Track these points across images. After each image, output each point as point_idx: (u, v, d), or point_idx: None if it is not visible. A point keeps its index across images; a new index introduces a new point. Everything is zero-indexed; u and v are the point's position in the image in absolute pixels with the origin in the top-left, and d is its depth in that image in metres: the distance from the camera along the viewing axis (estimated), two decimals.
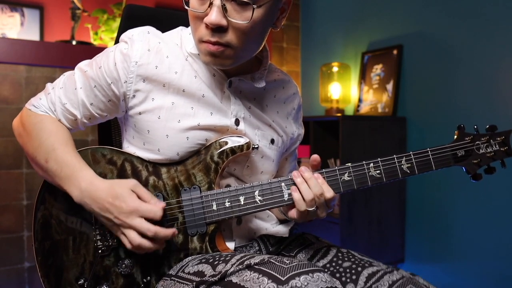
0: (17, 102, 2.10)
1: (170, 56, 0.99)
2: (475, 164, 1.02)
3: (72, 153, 0.98)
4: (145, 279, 0.97)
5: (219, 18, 0.87)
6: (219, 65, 0.95)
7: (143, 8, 1.29)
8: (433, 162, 1.00)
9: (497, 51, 2.04)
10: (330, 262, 1.03)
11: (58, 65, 2.19)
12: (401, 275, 0.94)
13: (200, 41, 0.92)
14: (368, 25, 2.70)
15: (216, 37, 0.90)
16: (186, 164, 1.00)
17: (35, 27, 2.45)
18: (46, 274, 0.99)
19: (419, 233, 2.39)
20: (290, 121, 1.15)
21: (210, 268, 0.87)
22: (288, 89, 1.15)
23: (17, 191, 2.12)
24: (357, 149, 2.30)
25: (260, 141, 1.05)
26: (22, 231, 2.12)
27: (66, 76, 1.06)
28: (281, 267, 0.78)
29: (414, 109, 2.42)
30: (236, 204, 0.97)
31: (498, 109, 2.02)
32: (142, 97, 0.98)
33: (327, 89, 2.77)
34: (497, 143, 1.03)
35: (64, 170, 0.96)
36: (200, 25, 0.91)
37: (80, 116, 1.03)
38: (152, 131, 0.99)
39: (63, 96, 1.02)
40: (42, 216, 1.00)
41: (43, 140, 0.99)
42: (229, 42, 0.90)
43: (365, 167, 0.98)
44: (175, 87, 0.98)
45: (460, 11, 2.19)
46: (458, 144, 1.02)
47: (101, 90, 1.00)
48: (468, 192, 2.13)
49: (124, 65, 0.97)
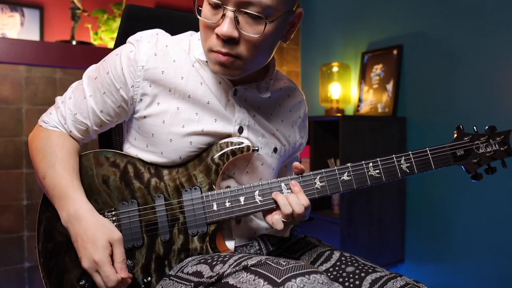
0: (17, 102, 2.10)
1: (177, 61, 0.99)
2: (475, 163, 1.02)
3: (69, 171, 0.98)
4: (145, 279, 0.97)
5: (231, 30, 0.88)
6: (228, 75, 0.95)
7: (143, 9, 1.29)
8: (432, 161, 1.00)
9: (497, 51, 2.04)
10: (333, 266, 1.02)
11: (58, 65, 2.18)
12: (404, 282, 0.93)
13: (210, 50, 0.92)
14: (368, 25, 2.70)
15: (226, 48, 0.90)
16: (188, 165, 1.01)
17: (35, 27, 2.45)
18: (48, 275, 0.99)
19: (419, 233, 2.39)
20: (294, 129, 1.14)
21: (208, 268, 0.87)
22: (294, 98, 1.15)
23: (17, 191, 2.12)
24: (357, 149, 2.30)
25: (262, 149, 1.06)
26: (22, 231, 2.12)
27: (74, 87, 1.06)
28: (277, 268, 0.78)
29: (414, 109, 2.42)
30: (236, 204, 0.98)
31: (498, 109, 2.02)
32: (148, 101, 0.99)
33: (327, 89, 2.77)
34: (497, 143, 1.03)
35: (56, 189, 0.96)
36: (211, 35, 0.91)
37: (91, 124, 1.03)
38: (156, 134, 0.99)
39: (72, 106, 1.03)
40: (46, 218, 1.01)
41: (46, 155, 1.00)
42: (239, 54, 0.90)
43: (365, 167, 0.98)
44: (180, 92, 0.98)
45: (460, 11, 2.19)
46: (457, 143, 1.02)
47: (110, 96, 1.00)
48: (468, 192, 2.13)
49: (131, 69, 0.97)
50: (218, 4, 0.88)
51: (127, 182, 1.00)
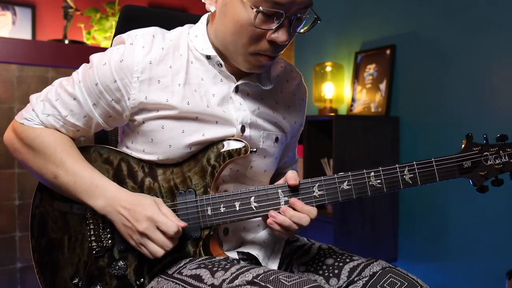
0: (8, 101, 2.08)
1: (174, 66, 0.96)
2: (482, 176, 0.97)
3: (82, 163, 0.96)
4: (138, 281, 0.96)
5: (289, 37, 0.89)
6: (261, 72, 0.99)
7: (140, 9, 1.28)
8: (437, 173, 0.95)
9: (489, 52, 2.05)
10: (312, 259, 1.04)
11: (50, 64, 2.17)
12: (381, 266, 0.96)
13: (256, 54, 0.92)
14: (361, 25, 2.70)
15: (276, 51, 0.92)
16: (183, 166, 0.99)
17: (27, 26, 2.43)
18: (42, 271, 0.99)
19: (412, 232, 2.41)
20: (301, 112, 1.14)
21: (208, 273, 0.86)
22: (292, 81, 1.13)
23: (9, 191, 2.10)
24: (350, 148, 2.31)
25: (264, 142, 1.04)
26: (14, 232, 2.11)
27: (57, 86, 1.00)
28: (282, 284, 0.77)
29: (407, 108, 2.43)
30: (231, 210, 0.95)
31: (490, 108, 2.04)
32: (145, 108, 0.96)
33: (320, 89, 2.77)
34: (507, 155, 0.97)
35: (79, 183, 0.94)
36: (261, 41, 0.90)
37: (84, 126, 1.00)
38: (155, 139, 0.97)
39: (60, 107, 0.98)
40: (39, 213, 1.00)
41: (48, 155, 0.96)
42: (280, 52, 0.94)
43: (365, 176, 0.94)
44: (178, 100, 0.95)
45: (453, 11, 2.20)
46: (465, 154, 0.96)
47: (101, 108, 0.97)
48: (461, 192, 2.14)
49: (125, 81, 0.93)
50: (277, 12, 0.86)
51: (120, 181, 0.98)
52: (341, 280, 0.96)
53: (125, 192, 0.94)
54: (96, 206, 0.94)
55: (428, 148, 2.28)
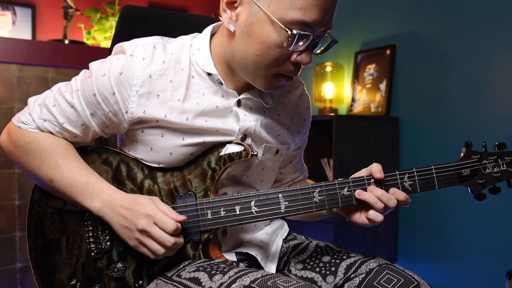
0: (8, 101, 2.08)
1: (174, 81, 0.94)
2: (480, 184, 0.98)
3: (78, 165, 0.95)
4: (137, 283, 0.96)
5: (311, 58, 0.91)
6: (277, 92, 1.01)
7: (140, 9, 1.28)
8: (436, 181, 0.97)
9: (489, 51, 2.05)
10: (310, 257, 1.05)
11: (50, 64, 2.17)
12: (377, 263, 0.97)
13: (278, 75, 0.92)
14: (361, 25, 2.70)
15: (297, 73, 0.93)
16: (183, 169, 0.98)
17: (27, 26, 2.43)
18: (39, 272, 0.98)
19: (412, 232, 2.40)
20: (303, 121, 1.13)
21: (206, 276, 0.86)
22: (294, 91, 1.11)
23: (9, 191, 2.10)
24: (350, 148, 2.31)
25: (264, 155, 1.03)
26: (14, 232, 2.11)
27: (55, 91, 0.99)
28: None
29: (407, 108, 2.43)
30: (231, 214, 0.94)
31: (490, 109, 2.03)
32: (144, 120, 0.94)
33: (320, 89, 2.77)
34: (505, 163, 0.98)
35: (74, 185, 0.93)
36: (285, 62, 0.90)
37: (81, 134, 0.99)
38: (155, 148, 0.96)
39: (58, 114, 0.96)
40: (36, 213, 0.99)
41: (44, 159, 0.96)
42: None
43: (366, 183, 0.95)
44: (178, 114, 0.94)
45: (452, 11, 2.20)
46: (464, 162, 0.98)
47: (99, 118, 0.96)
48: (460, 191, 2.13)
49: (124, 94, 0.92)
50: (306, 34, 0.87)
51: (120, 182, 0.98)
52: (338, 277, 0.97)
53: (121, 193, 0.94)
54: (93, 208, 0.93)
55: (428, 148, 2.27)
